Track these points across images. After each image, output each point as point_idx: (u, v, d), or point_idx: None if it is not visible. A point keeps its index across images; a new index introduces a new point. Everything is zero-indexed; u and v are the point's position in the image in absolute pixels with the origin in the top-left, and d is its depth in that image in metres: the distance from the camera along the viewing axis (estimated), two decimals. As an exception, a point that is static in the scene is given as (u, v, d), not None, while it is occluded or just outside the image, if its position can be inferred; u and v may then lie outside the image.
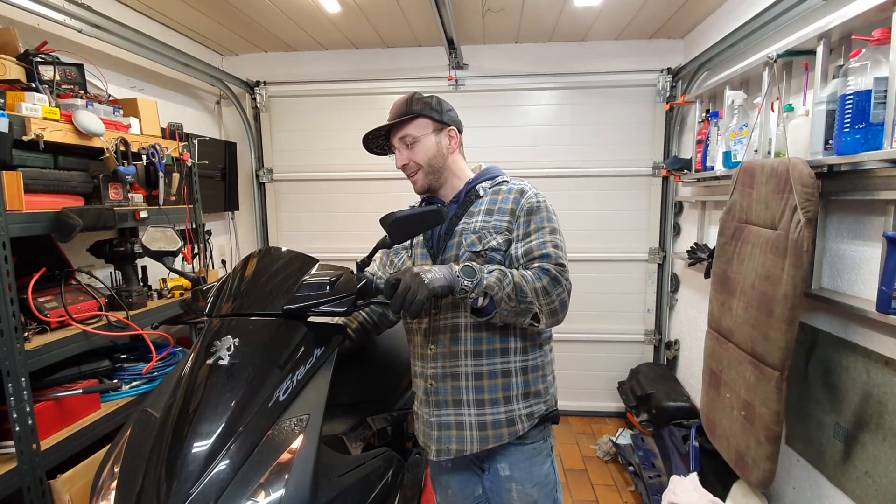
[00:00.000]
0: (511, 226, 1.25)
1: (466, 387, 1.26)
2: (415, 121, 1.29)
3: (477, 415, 1.26)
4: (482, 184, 1.33)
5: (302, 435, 0.94)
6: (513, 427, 1.26)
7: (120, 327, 1.78)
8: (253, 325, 1.05)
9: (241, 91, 3.29)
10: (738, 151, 2.03)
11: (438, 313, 1.27)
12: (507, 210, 1.26)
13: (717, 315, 1.95)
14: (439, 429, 1.29)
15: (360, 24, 2.78)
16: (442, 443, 1.28)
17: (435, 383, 1.29)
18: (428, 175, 1.31)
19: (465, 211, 1.30)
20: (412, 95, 1.32)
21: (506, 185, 1.32)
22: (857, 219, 1.58)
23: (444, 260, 1.27)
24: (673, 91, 3.09)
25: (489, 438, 1.26)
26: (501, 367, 1.26)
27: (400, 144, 1.31)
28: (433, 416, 1.30)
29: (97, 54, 2.24)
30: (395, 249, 1.43)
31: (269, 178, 3.41)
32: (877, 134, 1.36)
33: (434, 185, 1.33)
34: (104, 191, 1.84)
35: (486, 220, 1.27)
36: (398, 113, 1.30)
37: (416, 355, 1.36)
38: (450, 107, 1.36)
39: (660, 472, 2.51)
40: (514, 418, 1.26)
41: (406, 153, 1.30)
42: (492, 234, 1.24)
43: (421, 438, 1.36)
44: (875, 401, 1.46)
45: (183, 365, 1.05)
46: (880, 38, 1.36)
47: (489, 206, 1.29)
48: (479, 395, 1.25)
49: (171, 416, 0.96)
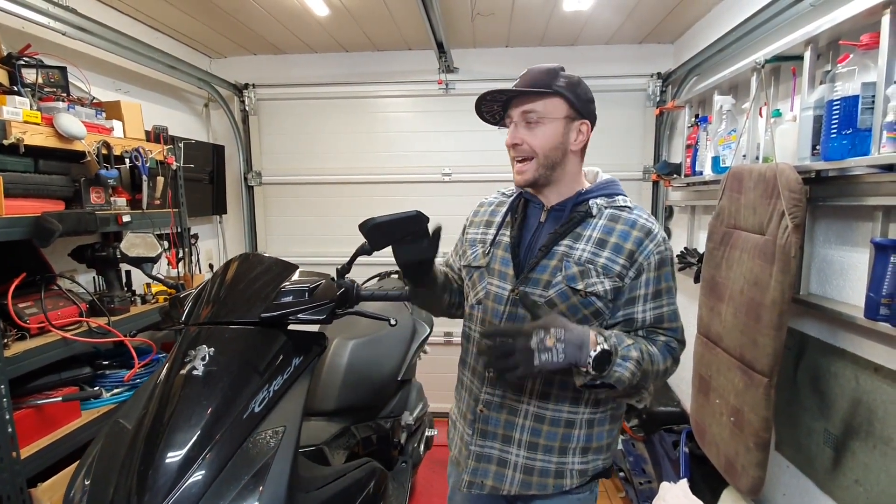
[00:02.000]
0: (625, 272, 1.05)
1: (522, 425, 1.11)
2: (549, 98, 1.06)
3: (526, 457, 1.12)
4: (596, 199, 1.11)
5: (278, 447, 0.91)
6: (560, 480, 1.12)
7: (101, 333, 1.75)
8: (229, 333, 1.02)
9: (230, 94, 3.26)
10: (726, 156, 2.02)
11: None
12: (624, 249, 1.06)
13: (707, 320, 1.94)
14: (478, 460, 1.15)
15: (349, 27, 2.77)
16: (477, 475, 1.15)
17: (487, 411, 1.13)
18: (540, 168, 1.08)
19: (571, 230, 1.09)
20: (557, 67, 1.09)
21: (627, 214, 1.10)
22: (844, 224, 1.58)
23: (528, 279, 1.09)
24: (663, 96, 3.09)
25: (532, 485, 1.12)
26: (567, 417, 1.11)
27: (520, 119, 1.08)
28: (475, 445, 1.15)
29: (82, 56, 2.21)
30: (469, 238, 1.25)
31: (258, 182, 3.38)
32: (864, 139, 1.35)
33: (541, 182, 1.11)
34: (85, 195, 1.82)
35: (595, 252, 1.06)
36: (533, 81, 1.07)
37: (469, 366, 1.21)
38: (592, 97, 1.13)
39: (650, 477, 2.50)
40: (565, 471, 1.12)
41: (523, 131, 1.08)
42: (599, 276, 1.04)
43: (454, 452, 1.25)
44: (864, 408, 1.45)
45: (157, 375, 1.02)
46: (869, 43, 1.35)
47: (603, 234, 1.08)
48: (533, 438, 1.11)
49: (143, 427, 0.94)
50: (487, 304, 1.15)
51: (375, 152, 3.31)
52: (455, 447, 1.25)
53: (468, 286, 1.22)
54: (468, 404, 1.20)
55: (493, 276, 1.15)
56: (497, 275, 1.14)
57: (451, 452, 1.28)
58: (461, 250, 1.29)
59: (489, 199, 1.29)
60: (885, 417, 1.38)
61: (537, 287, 1.09)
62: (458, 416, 1.25)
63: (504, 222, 1.18)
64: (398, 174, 3.31)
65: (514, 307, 1.11)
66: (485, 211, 1.26)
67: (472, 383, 1.19)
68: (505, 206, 1.22)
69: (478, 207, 1.30)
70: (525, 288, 1.09)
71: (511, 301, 1.11)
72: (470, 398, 1.19)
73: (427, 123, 3.29)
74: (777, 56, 1.74)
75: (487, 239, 1.19)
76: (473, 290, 1.19)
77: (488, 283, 1.15)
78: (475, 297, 1.18)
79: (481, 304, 1.16)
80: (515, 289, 1.10)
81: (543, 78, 1.07)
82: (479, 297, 1.17)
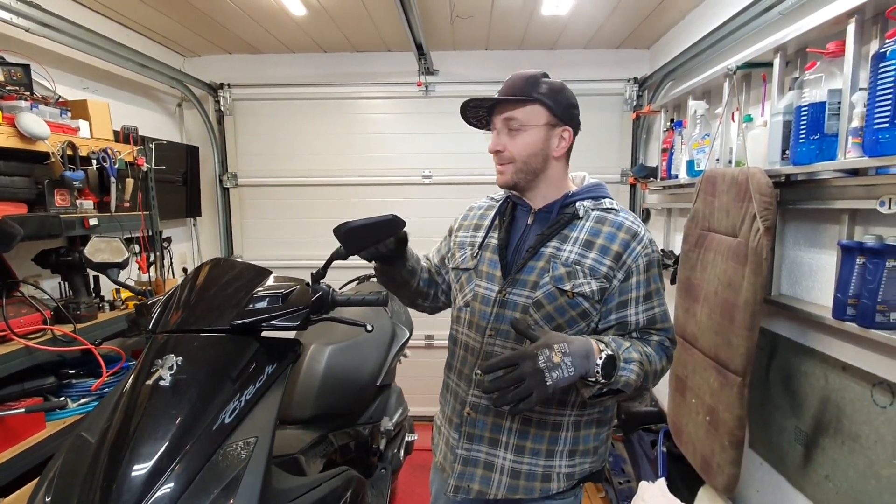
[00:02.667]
0: (612, 273, 1.06)
1: (509, 428, 1.11)
2: (529, 105, 1.08)
3: (513, 460, 1.11)
4: (583, 201, 1.13)
5: (249, 459, 0.88)
6: (547, 483, 1.12)
7: (66, 341, 1.69)
8: (198, 341, 0.99)
9: (204, 93, 3.19)
10: (700, 160, 2.06)
11: (496, 336, 1.11)
12: (611, 251, 1.07)
13: (682, 321, 1.97)
14: (464, 464, 1.14)
15: (327, 27, 2.73)
16: (463, 479, 1.14)
17: (474, 414, 1.13)
18: (518, 173, 1.10)
19: (558, 231, 1.10)
20: (538, 74, 1.10)
21: (613, 215, 1.12)
22: (813, 227, 1.62)
23: (515, 280, 1.09)
24: (639, 100, 3.14)
25: (518, 488, 1.11)
26: (554, 419, 1.11)
27: (502, 126, 1.10)
28: (461, 448, 1.14)
29: (46, 54, 2.13)
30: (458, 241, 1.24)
31: (234, 183, 3.31)
32: (831, 145, 1.39)
33: (521, 185, 1.13)
34: (49, 197, 1.75)
35: (582, 253, 1.07)
36: (513, 89, 1.08)
37: (455, 370, 1.20)
38: (575, 103, 1.14)
39: (629, 477, 2.52)
40: (552, 475, 1.12)
41: (505, 138, 1.10)
42: (586, 277, 1.06)
43: (438, 458, 1.24)
44: (833, 405, 1.49)
45: (122, 385, 0.98)
46: (834, 51, 1.39)
47: (589, 236, 1.09)
48: (520, 441, 1.11)
49: (106, 440, 0.90)
50: (475, 306, 1.14)
51: (354, 154, 3.28)
52: (440, 452, 1.24)
53: (456, 289, 1.23)
54: (454, 408, 1.19)
55: (480, 278, 1.15)
56: (485, 277, 1.15)
57: (436, 458, 1.26)
58: (448, 252, 1.29)
59: (479, 203, 1.30)
60: (852, 415, 1.42)
61: (525, 288, 1.09)
62: (444, 420, 1.24)
63: (493, 225, 1.19)
64: (378, 176, 3.28)
65: (502, 308, 1.10)
66: (474, 215, 1.27)
67: (459, 387, 1.18)
68: (494, 209, 1.23)
69: (467, 211, 1.30)
70: (512, 289, 1.09)
71: (499, 302, 1.11)
72: (456, 402, 1.18)
73: (407, 125, 3.27)
74: (748, 62, 1.78)
75: (476, 242, 1.20)
76: (461, 292, 1.19)
77: (476, 285, 1.15)
78: (463, 299, 1.18)
79: (469, 307, 1.16)
80: (503, 290, 1.10)
81: (524, 85, 1.08)
82: (467, 300, 1.16)
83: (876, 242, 1.26)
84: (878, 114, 1.17)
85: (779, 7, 1.70)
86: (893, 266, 1.23)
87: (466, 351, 1.17)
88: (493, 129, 1.13)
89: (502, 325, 1.10)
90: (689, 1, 2.36)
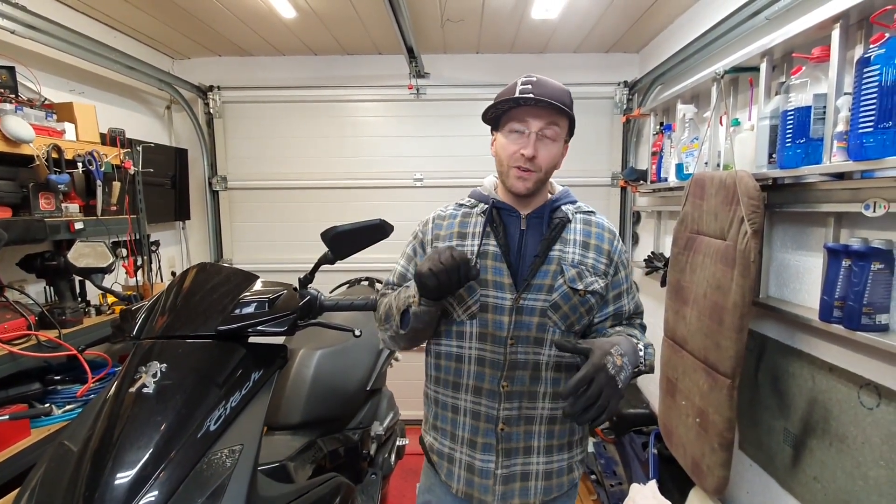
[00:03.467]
0: (608, 269, 1.15)
1: (539, 431, 1.13)
2: (566, 118, 1.10)
3: (545, 462, 1.14)
4: (566, 206, 1.18)
5: (234, 467, 0.87)
6: (572, 474, 1.18)
7: (51, 347, 1.66)
8: (183, 348, 0.97)
9: (193, 96, 3.16)
10: (689, 163, 2.07)
11: (517, 345, 1.09)
12: (603, 250, 1.15)
13: (672, 324, 1.98)
14: (504, 483, 1.11)
15: (318, 30, 2.73)
16: (506, 499, 1.12)
17: (508, 427, 1.11)
18: (538, 182, 1.12)
19: (559, 235, 1.14)
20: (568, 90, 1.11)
21: (595, 217, 1.20)
22: (800, 230, 1.63)
23: (530, 286, 1.09)
24: (629, 104, 3.16)
25: (552, 488, 1.14)
26: None
27: (541, 131, 1.08)
28: (500, 468, 1.11)
29: (32, 56, 2.10)
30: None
31: (223, 186, 3.28)
32: (816, 148, 1.40)
33: (535, 192, 1.14)
34: (34, 201, 1.73)
35: (583, 254, 1.13)
36: (561, 99, 1.06)
37: (468, 388, 1.13)
38: None
39: (621, 479, 2.53)
40: (574, 465, 1.18)
41: (539, 145, 1.08)
42: (592, 276, 1.12)
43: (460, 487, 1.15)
44: (821, 406, 1.50)
45: (106, 393, 0.96)
46: (820, 56, 1.41)
47: (583, 237, 1.15)
48: (549, 441, 1.13)
49: (89, 448, 0.88)
50: (486, 316, 1.10)
51: (345, 157, 3.27)
52: (459, 482, 1.16)
53: (451, 303, 1.14)
54: (476, 429, 1.13)
55: (486, 288, 1.11)
56: (492, 285, 1.10)
57: (454, 488, 1.16)
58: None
59: (447, 210, 1.23)
60: (839, 416, 1.43)
61: (540, 292, 1.10)
62: (456, 445, 1.16)
63: (485, 232, 1.14)
64: (369, 179, 3.28)
65: (519, 315, 1.09)
66: (450, 224, 1.19)
67: (479, 405, 1.12)
68: (472, 216, 1.18)
69: (437, 220, 1.22)
70: (528, 294, 1.10)
71: (515, 310, 1.09)
72: (479, 421, 1.13)
73: (398, 128, 3.27)
74: (735, 67, 1.80)
75: (469, 250, 1.14)
76: (461, 305, 1.12)
77: (482, 295, 1.11)
78: (466, 312, 1.12)
79: (476, 319, 1.11)
80: (518, 297, 1.09)
81: (565, 97, 1.08)
82: (473, 312, 1.11)
83: (861, 245, 1.27)
84: (863, 118, 1.18)
85: (765, 12, 1.72)
86: (878, 269, 1.24)
87: (482, 365, 1.12)
88: (524, 130, 1.08)
89: (522, 333, 1.09)
90: (678, 6, 2.38)
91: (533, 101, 1.05)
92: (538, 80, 1.07)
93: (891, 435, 1.26)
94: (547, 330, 1.10)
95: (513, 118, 1.09)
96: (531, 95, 1.04)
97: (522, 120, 1.08)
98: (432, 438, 1.22)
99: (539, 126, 1.07)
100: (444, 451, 1.18)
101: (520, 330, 1.09)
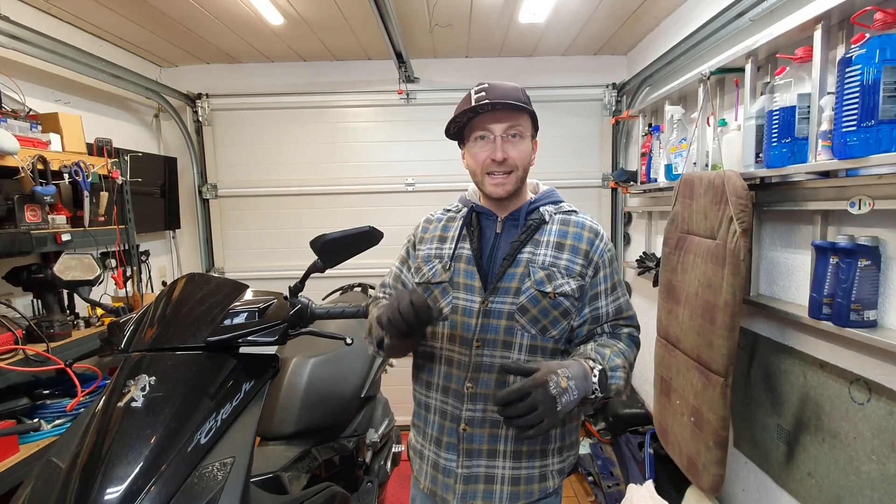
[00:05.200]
0: (585, 270, 1.12)
1: (505, 436, 1.11)
2: (525, 115, 1.11)
3: (512, 468, 1.12)
4: (545, 206, 1.18)
5: (226, 480, 0.86)
6: (544, 483, 1.14)
7: (39, 361, 1.64)
8: (172, 360, 0.96)
9: (181, 104, 3.14)
10: (678, 164, 2.09)
11: (483, 347, 1.10)
12: (580, 250, 1.13)
13: (665, 323, 1.99)
14: (465, 483, 1.12)
15: (306, 36, 2.72)
16: (467, 499, 1.12)
17: (470, 428, 1.11)
18: (518, 182, 1.12)
19: (531, 237, 1.14)
20: (521, 87, 1.13)
21: (575, 217, 1.18)
22: (788, 228, 1.65)
23: (497, 288, 1.10)
24: (618, 105, 3.18)
25: (520, 495, 1.12)
26: None
27: (505, 133, 1.09)
28: (462, 468, 1.12)
29: (16, 66, 2.08)
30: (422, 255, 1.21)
31: (214, 195, 3.26)
32: (802, 148, 1.42)
33: (514, 194, 1.14)
34: (20, 213, 1.71)
35: (556, 255, 1.12)
36: (516, 97, 1.08)
37: (438, 387, 1.16)
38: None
39: (618, 480, 2.53)
40: (547, 474, 1.14)
41: (507, 146, 1.09)
42: (563, 277, 1.10)
43: (426, 483, 1.17)
44: (812, 402, 1.51)
45: (94, 408, 0.95)
46: (803, 57, 1.43)
47: (559, 238, 1.14)
48: (517, 447, 1.12)
49: (77, 464, 0.87)
50: (456, 318, 1.12)
51: (336, 163, 3.27)
52: (426, 478, 1.18)
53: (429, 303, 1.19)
54: (442, 428, 1.15)
55: (458, 290, 1.13)
56: (463, 288, 1.13)
57: (422, 484, 1.19)
58: (412, 266, 1.25)
59: (436, 215, 1.27)
60: (831, 411, 1.44)
61: (507, 295, 1.10)
62: (427, 443, 1.19)
63: (461, 235, 1.17)
64: (360, 185, 3.27)
65: (486, 318, 1.10)
66: (434, 227, 1.24)
67: (447, 404, 1.14)
68: (455, 220, 1.22)
69: (425, 224, 1.27)
70: (495, 297, 1.10)
71: (482, 312, 1.10)
72: (445, 420, 1.14)
73: (389, 133, 3.27)
74: (721, 68, 1.81)
75: (445, 254, 1.17)
76: (436, 306, 1.15)
77: (454, 297, 1.13)
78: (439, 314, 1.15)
79: (447, 320, 1.13)
80: (486, 300, 1.10)
81: (519, 94, 1.10)
82: (445, 313, 1.14)
83: (848, 242, 1.28)
84: (846, 117, 1.20)
85: (749, 14, 1.74)
86: (865, 265, 1.26)
87: (450, 366, 1.14)
88: (489, 136, 1.10)
89: (489, 336, 1.10)
90: (664, 8, 2.40)
91: (489, 107, 1.07)
92: (490, 86, 1.09)
93: (881, 429, 1.27)
94: (515, 333, 1.09)
95: (475, 128, 1.11)
96: (486, 101, 1.06)
97: (484, 127, 1.10)
98: (412, 435, 1.26)
99: (502, 128, 1.10)
100: (417, 447, 1.22)
101: (486, 333, 1.10)
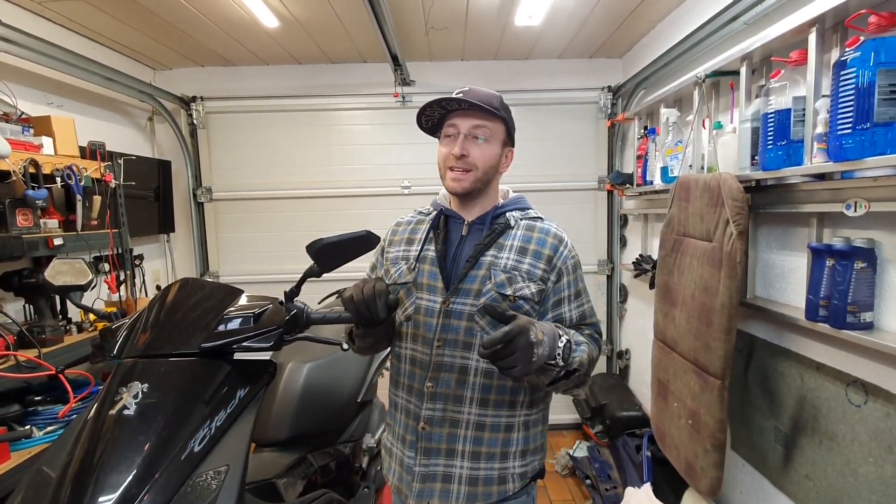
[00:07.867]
0: (546, 275, 1.14)
1: (464, 436, 1.13)
2: (497, 120, 1.15)
3: (470, 468, 1.13)
4: (513, 212, 1.20)
5: (220, 489, 0.84)
6: (504, 486, 1.15)
7: (31, 367, 1.62)
8: (165, 367, 0.95)
9: (176, 107, 3.13)
10: (674, 166, 2.09)
11: (444, 347, 1.12)
12: (543, 255, 1.15)
13: (662, 326, 1.99)
14: (422, 481, 1.13)
15: (301, 39, 2.71)
16: (423, 497, 1.13)
17: (429, 427, 1.13)
18: (477, 182, 1.14)
19: (495, 241, 1.16)
20: (499, 94, 1.18)
21: (541, 223, 1.20)
22: (784, 230, 1.65)
23: (458, 290, 1.12)
24: (614, 108, 3.19)
25: (477, 496, 1.13)
26: (506, 421, 1.14)
27: (470, 132, 1.13)
28: (419, 466, 1.14)
29: (7, 69, 2.06)
30: (391, 257, 1.24)
31: (208, 198, 3.24)
32: (797, 150, 1.42)
33: (474, 194, 1.17)
34: (11, 217, 1.69)
35: (518, 259, 1.14)
36: (488, 101, 1.12)
37: (403, 386, 1.19)
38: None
39: (616, 483, 2.52)
40: (507, 477, 1.15)
41: (470, 144, 1.13)
42: (524, 280, 1.12)
43: (393, 481, 1.21)
44: (810, 405, 1.51)
45: (85, 416, 0.93)
46: (797, 60, 1.43)
47: (522, 242, 1.16)
48: (476, 448, 1.13)
49: (68, 473, 0.85)
50: (418, 318, 1.15)
51: (332, 166, 3.25)
52: (394, 475, 1.21)
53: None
54: (406, 426, 1.18)
55: (421, 291, 1.16)
56: (426, 289, 1.15)
57: (390, 482, 1.22)
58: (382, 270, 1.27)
59: (406, 217, 1.31)
60: (828, 414, 1.44)
61: (468, 297, 1.12)
62: (395, 440, 1.22)
63: (427, 238, 1.20)
64: (356, 187, 3.26)
65: (447, 318, 1.12)
66: (404, 230, 1.27)
67: (410, 402, 1.17)
68: (424, 223, 1.25)
69: (395, 227, 1.30)
70: (456, 298, 1.12)
71: (443, 313, 1.12)
72: (408, 419, 1.17)
73: (385, 136, 3.26)
74: (716, 71, 1.82)
75: (411, 255, 1.20)
76: (401, 307, 1.18)
77: (417, 297, 1.16)
78: (404, 314, 1.18)
79: (411, 321, 1.16)
80: (447, 300, 1.12)
81: (494, 101, 1.14)
82: (409, 314, 1.16)
83: (844, 245, 1.29)
84: (841, 120, 1.20)
85: (744, 17, 1.75)
86: (861, 267, 1.26)
87: (413, 365, 1.17)
88: (454, 132, 1.14)
89: (449, 336, 1.12)
90: (659, 11, 2.41)
91: (457, 104, 1.11)
92: (469, 89, 1.14)
93: (879, 431, 1.27)
94: (475, 334, 1.11)
95: (445, 125, 1.16)
96: (459, 97, 1.10)
97: (452, 124, 1.15)
98: (386, 433, 1.29)
99: (468, 126, 1.12)
100: (388, 445, 1.25)
101: (447, 333, 1.12)
